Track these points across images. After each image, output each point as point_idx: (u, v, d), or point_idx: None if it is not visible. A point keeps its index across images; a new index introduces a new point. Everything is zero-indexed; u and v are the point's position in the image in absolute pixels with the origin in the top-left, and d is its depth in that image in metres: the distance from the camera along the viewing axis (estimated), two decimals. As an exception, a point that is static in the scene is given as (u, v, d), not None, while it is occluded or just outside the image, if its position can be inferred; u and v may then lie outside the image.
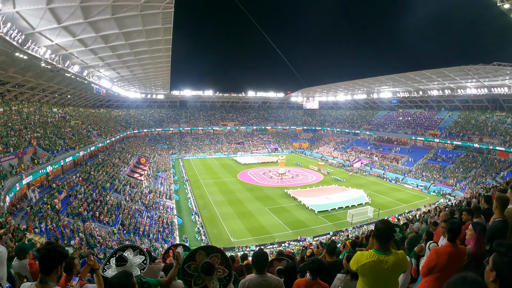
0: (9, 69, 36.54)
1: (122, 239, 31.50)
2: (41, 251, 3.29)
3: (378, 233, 3.79)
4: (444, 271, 4.01)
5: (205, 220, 43.27)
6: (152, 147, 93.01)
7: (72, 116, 65.23)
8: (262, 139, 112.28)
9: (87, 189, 39.78)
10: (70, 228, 28.18)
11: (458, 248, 4.27)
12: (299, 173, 71.60)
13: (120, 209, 39.09)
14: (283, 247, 33.78)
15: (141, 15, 29.72)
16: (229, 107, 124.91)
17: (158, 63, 53.51)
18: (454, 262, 4.16)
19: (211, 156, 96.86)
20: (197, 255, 4.49)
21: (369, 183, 62.34)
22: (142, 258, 4.34)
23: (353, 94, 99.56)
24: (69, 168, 46.59)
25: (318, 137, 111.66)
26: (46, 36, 29.72)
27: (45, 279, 3.17)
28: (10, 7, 22.09)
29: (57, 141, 44.47)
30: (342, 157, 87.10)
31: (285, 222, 42.07)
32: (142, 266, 4.23)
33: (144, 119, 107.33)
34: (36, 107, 53.94)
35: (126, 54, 43.43)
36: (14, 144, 34.58)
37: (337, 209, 46.41)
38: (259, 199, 51.55)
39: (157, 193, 52.03)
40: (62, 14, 25.84)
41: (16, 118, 42.80)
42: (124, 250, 4.42)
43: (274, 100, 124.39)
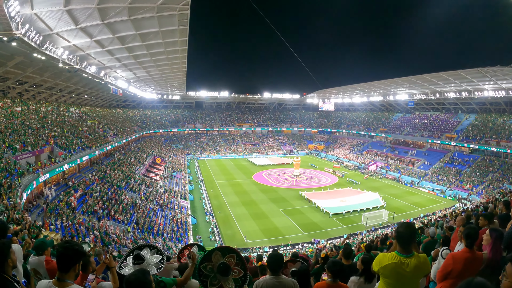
0: (27, 69, 37.30)
1: (136, 238, 31.79)
2: (59, 249, 3.32)
3: (399, 236, 3.81)
4: (460, 277, 3.96)
5: (219, 220, 43.33)
6: (168, 147, 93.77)
7: (89, 115, 66.14)
8: (278, 141, 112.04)
9: (102, 188, 40.21)
10: (85, 226, 28.54)
11: (475, 254, 4.23)
12: (314, 175, 71.17)
13: (135, 208, 39.44)
14: (296, 249, 33.54)
15: (157, 16, 29.92)
16: (245, 108, 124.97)
17: (174, 64, 53.79)
18: (471, 268, 4.12)
19: (226, 157, 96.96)
20: (213, 255, 4.53)
21: (384, 186, 61.68)
22: (159, 258, 4.36)
23: (369, 96, 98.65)
24: (86, 167, 47.04)
25: (334, 139, 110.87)
26: (63, 37, 30.24)
27: (63, 277, 3.19)
28: (28, 8, 22.51)
29: (74, 140, 45.11)
30: (357, 160, 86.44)
31: (299, 224, 41.87)
32: (159, 266, 4.24)
33: (160, 119, 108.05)
34: (53, 106, 54.86)
35: (142, 55, 43.76)
36: (31, 142, 35.23)
37: (352, 212, 46.01)
38: (273, 201, 51.41)
39: (172, 192, 52.28)
40: (79, 15, 26.23)
41: (33, 117, 43.55)
42: (141, 249, 4.47)
43: (290, 101, 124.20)
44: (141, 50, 40.70)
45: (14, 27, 21.95)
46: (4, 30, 21.99)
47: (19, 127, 37.08)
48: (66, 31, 28.70)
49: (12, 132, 34.45)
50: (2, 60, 32.53)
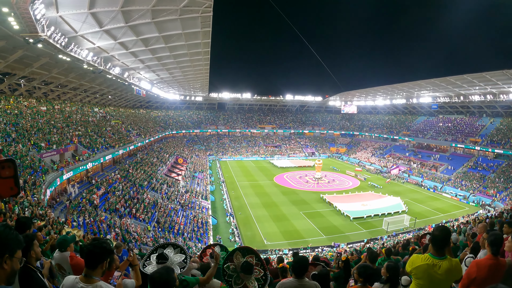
0: (53, 70, 38.35)
1: (157, 237, 32.20)
2: (88, 246, 3.36)
3: (434, 238, 3.88)
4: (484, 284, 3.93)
5: (239, 221, 43.41)
6: (190, 148, 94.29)
7: (113, 116, 67.40)
8: (300, 143, 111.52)
9: (125, 187, 40.97)
10: (107, 223, 29.18)
11: (499, 261, 4.18)
12: (336, 178, 70.55)
13: (156, 207, 40.01)
14: (316, 252, 33.39)
15: (180, 19, 30.24)
16: (267, 110, 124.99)
17: (197, 66, 54.28)
18: (495, 275, 4.07)
19: (248, 159, 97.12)
20: (234, 256, 4.61)
21: (407, 191, 60.71)
22: (182, 257, 4.48)
23: (392, 98, 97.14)
24: (109, 166, 48.02)
25: (356, 142, 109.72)
26: (88, 39, 30.89)
27: (90, 274, 3.23)
28: (54, 11, 23.13)
29: (97, 140, 46.07)
30: (379, 163, 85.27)
31: (320, 227, 41.58)
32: (182, 265, 4.36)
33: (182, 120, 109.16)
34: (78, 106, 56.18)
35: (165, 57, 44.30)
36: (56, 141, 36.24)
37: (373, 216, 45.48)
38: (294, 203, 51.19)
39: (193, 193, 52.63)
40: (103, 18, 26.79)
41: (58, 117, 44.71)
42: (165, 248, 4.60)
43: (312, 104, 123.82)
44: (164, 52, 41.17)
45: (40, 29, 22.58)
46: (30, 32, 22.65)
47: (44, 126, 38.17)
48: (90, 33, 29.29)
49: (38, 131, 35.52)
50: (28, 61, 33.60)
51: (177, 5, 27.27)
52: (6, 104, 37.51)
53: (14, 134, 31.36)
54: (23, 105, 40.49)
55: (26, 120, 36.76)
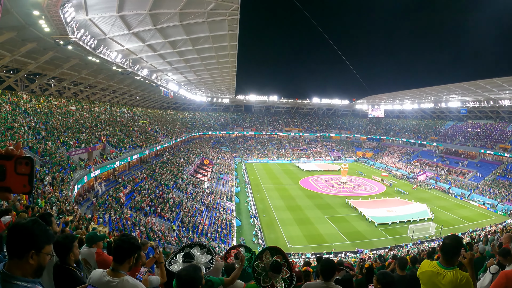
0: (82, 71, 39.46)
1: (180, 236, 32.62)
2: (117, 241, 3.42)
3: (443, 246, 3.79)
4: None
5: (263, 224, 43.27)
6: (216, 149, 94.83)
7: (140, 116, 68.72)
8: (326, 147, 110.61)
9: (151, 186, 41.67)
10: (132, 221, 29.77)
11: None
12: (361, 183, 69.67)
13: (181, 207, 40.49)
14: (339, 257, 33.00)
15: (207, 22, 30.55)
16: (294, 113, 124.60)
17: (224, 68, 54.70)
18: None
19: (273, 161, 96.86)
20: (264, 255, 4.66)
21: (433, 198, 59.31)
22: (208, 257, 4.49)
23: (420, 102, 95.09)
24: (135, 165, 48.88)
25: (383, 147, 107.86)
26: (117, 41, 31.68)
27: (117, 268, 3.26)
28: (83, 14, 23.88)
29: (125, 139, 47.10)
30: (406, 169, 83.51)
31: (344, 232, 41.12)
32: (208, 265, 4.37)
33: (209, 121, 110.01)
34: (106, 106, 57.66)
35: (193, 59, 44.84)
36: (85, 140, 37.30)
37: (398, 222, 44.58)
38: (319, 207, 50.73)
39: (218, 194, 52.93)
40: (132, 21, 27.43)
41: (87, 116, 46.04)
42: (192, 247, 4.63)
43: (339, 107, 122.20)
44: (191, 54, 41.67)
45: (70, 31, 23.30)
46: (61, 35, 23.41)
47: (74, 125, 39.34)
48: (119, 35, 30.07)
49: (67, 130, 36.66)
50: (58, 62, 34.77)
51: (204, 8, 27.52)
52: (36, 103, 38.84)
53: (44, 132, 32.40)
54: (53, 105, 41.87)
55: (56, 119, 37.96)
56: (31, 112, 35.32)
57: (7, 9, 18.71)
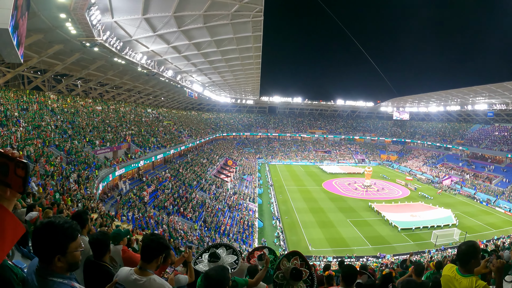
0: (108, 72, 40.46)
1: (202, 235, 32.94)
2: (145, 240, 3.48)
3: (458, 252, 3.75)
4: None
5: (285, 225, 43.20)
6: (240, 151, 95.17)
7: (165, 117, 69.72)
8: (350, 149, 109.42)
9: (174, 185, 42.32)
10: (155, 220, 30.26)
11: None
12: (385, 187, 68.58)
13: (204, 207, 40.90)
14: (360, 261, 32.62)
15: (231, 23, 30.77)
16: (318, 115, 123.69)
17: (248, 70, 54.94)
18: None
19: (297, 163, 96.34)
20: (281, 263, 4.68)
21: (458, 203, 57.83)
22: (234, 258, 4.47)
23: (445, 105, 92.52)
24: (160, 165, 49.74)
25: (407, 150, 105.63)
26: (142, 43, 32.30)
27: (145, 267, 3.32)
28: (109, 17, 24.45)
29: (150, 139, 47.87)
30: (431, 173, 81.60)
31: (366, 236, 40.69)
32: (234, 266, 4.34)
33: (233, 123, 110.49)
34: (132, 107, 58.78)
35: (217, 61, 45.20)
36: (110, 139, 38.17)
37: (422, 228, 43.72)
38: (341, 210, 50.27)
39: (241, 195, 53.17)
40: (157, 23, 27.90)
41: (113, 116, 47.06)
42: (218, 248, 4.65)
43: (363, 109, 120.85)
44: (216, 55, 42.03)
45: (96, 33, 23.87)
46: (87, 37, 24.03)
47: (99, 125, 40.30)
48: (144, 37, 30.61)
49: (93, 129, 37.57)
50: (85, 63, 35.71)
51: (228, 10, 27.70)
52: (63, 103, 39.90)
53: (70, 131, 33.26)
54: (80, 105, 42.96)
55: (82, 118, 38.93)
56: (58, 111, 36.29)
57: (34, 12, 19.34)
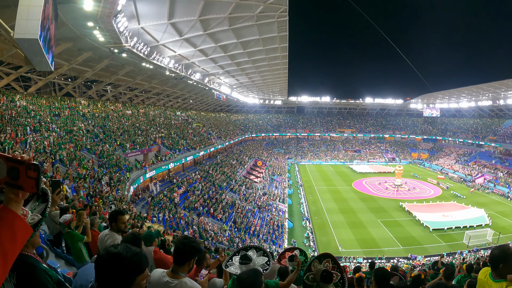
0: (137, 77, 41.37)
1: (232, 236, 33.32)
2: (177, 244, 3.52)
3: (489, 257, 3.70)
4: None
5: (315, 226, 42.89)
6: (269, 151, 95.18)
7: (194, 119, 70.62)
8: (380, 148, 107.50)
9: (204, 187, 42.88)
10: (185, 221, 30.83)
11: None
12: (416, 186, 67.04)
13: (234, 208, 41.28)
14: (391, 263, 32.20)
15: (257, 25, 31.04)
16: (347, 113, 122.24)
17: (275, 70, 55.03)
18: None
19: (327, 163, 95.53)
20: (312, 265, 4.67)
21: (491, 202, 55.61)
22: (265, 260, 4.47)
23: (477, 100, 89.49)
24: (190, 166, 50.31)
25: (439, 148, 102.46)
26: (169, 47, 32.95)
27: (177, 270, 3.34)
28: (135, 23, 25.13)
29: (179, 141, 48.69)
30: (463, 171, 78.78)
31: (397, 237, 39.91)
32: (265, 267, 4.33)
33: (262, 123, 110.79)
34: (161, 110, 59.96)
35: (244, 62, 45.52)
36: (140, 142, 39.14)
37: (454, 228, 42.44)
38: (372, 210, 49.55)
39: (271, 195, 53.23)
40: (183, 27, 28.45)
41: (143, 120, 48.21)
42: (248, 250, 4.66)
43: (393, 107, 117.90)
44: (242, 57, 42.40)
45: (124, 40, 24.55)
46: (115, 43, 24.73)
47: (130, 128, 41.41)
48: (171, 42, 31.27)
49: (123, 133, 38.63)
50: (114, 69, 36.74)
51: (253, 12, 27.96)
52: (94, 108, 41.15)
53: (101, 135, 34.37)
54: (110, 109, 44.21)
55: (113, 122, 40.16)
56: (89, 116, 37.47)
57: (63, 21, 20.10)
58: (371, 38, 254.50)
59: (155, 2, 23.32)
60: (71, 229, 6.47)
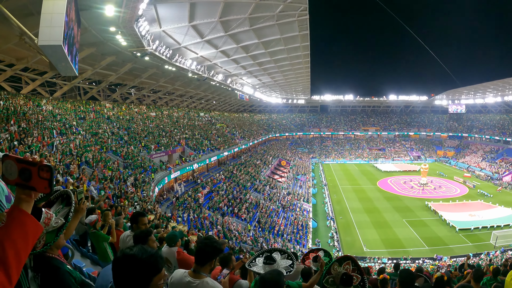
0: (160, 80, 42.00)
1: (256, 236, 33.42)
2: (199, 244, 3.58)
3: None
4: None
5: (339, 226, 42.64)
6: (293, 151, 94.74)
7: (218, 120, 71.11)
8: (404, 146, 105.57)
9: (228, 187, 43.01)
10: (209, 220, 31.09)
11: None
12: (442, 185, 65.50)
13: (258, 208, 41.28)
14: (416, 264, 31.67)
15: (277, 24, 31.03)
16: (370, 111, 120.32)
17: (297, 69, 54.97)
18: None
19: (351, 162, 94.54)
20: (331, 268, 4.71)
21: (520, 201, 54.64)
22: (289, 262, 4.47)
23: (503, 95, 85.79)
24: (214, 167, 50.62)
25: (465, 145, 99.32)
26: (191, 49, 33.32)
27: (199, 269, 3.37)
28: (157, 27, 25.48)
29: (203, 142, 49.13)
30: (490, 169, 76.33)
31: (422, 237, 39.15)
32: (288, 269, 4.33)
33: (285, 123, 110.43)
34: (184, 111, 60.70)
35: (266, 62, 45.56)
36: (165, 143, 39.73)
37: (481, 228, 41.29)
38: (397, 210, 48.74)
39: (295, 195, 53.15)
40: (204, 29, 28.72)
41: (167, 121, 48.96)
42: (272, 252, 4.66)
43: (417, 103, 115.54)
44: (264, 57, 42.44)
45: (146, 44, 25.01)
46: (137, 47, 25.29)
47: (154, 130, 42.09)
48: (193, 44, 31.57)
49: (148, 134, 39.33)
50: (137, 72, 37.40)
51: (273, 11, 28.01)
52: (119, 111, 42.05)
53: (126, 137, 35.11)
54: (134, 112, 45.07)
55: (137, 124, 40.93)
56: (114, 119, 38.31)
57: (85, 27, 20.59)
58: (395, 33, 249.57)
59: (175, 6, 23.60)
60: (97, 229, 6.62)
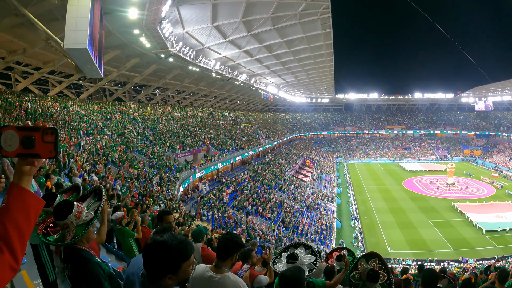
0: (184, 80, 42.61)
1: (280, 235, 33.38)
2: (221, 239, 3.58)
3: None
4: None
5: (364, 226, 42.27)
6: (318, 150, 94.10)
7: (242, 119, 71.37)
8: (430, 145, 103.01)
9: (253, 186, 43.23)
10: (233, 219, 31.32)
11: None
12: (469, 185, 63.55)
13: (282, 207, 41.33)
14: (441, 265, 31.39)
15: (300, 23, 31.09)
16: (395, 110, 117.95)
17: (321, 68, 54.71)
18: None
19: (376, 161, 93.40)
20: (358, 263, 4.62)
21: (548, 202, 52.58)
22: (312, 259, 4.46)
23: None
24: (238, 166, 50.78)
25: (492, 144, 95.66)
26: (214, 50, 33.72)
27: (220, 264, 3.38)
28: (180, 28, 25.93)
29: (228, 142, 49.44)
30: None
31: (448, 239, 38.19)
32: (312, 267, 4.35)
33: (310, 122, 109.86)
34: (209, 111, 61.20)
35: (289, 61, 45.62)
36: (190, 143, 40.27)
37: (508, 230, 39.87)
38: (422, 210, 47.72)
39: (319, 195, 52.91)
40: (226, 30, 29.02)
41: (191, 121, 49.49)
42: (297, 247, 4.64)
43: (443, 101, 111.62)
44: (288, 56, 42.49)
45: (169, 45, 25.48)
46: (161, 49, 25.73)
47: (179, 130, 42.66)
48: (216, 44, 31.96)
49: (173, 134, 39.93)
50: (162, 73, 38.11)
51: (295, 10, 28.09)
52: (144, 111, 42.84)
53: (151, 137, 35.76)
54: (159, 112, 45.78)
55: (162, 125, 41.63)
56: (139, 119, 39.08)
57: (109, 31, 21.17)
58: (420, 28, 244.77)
59: (198, 7, 23.96)
60: (123, 226, 6.79)
